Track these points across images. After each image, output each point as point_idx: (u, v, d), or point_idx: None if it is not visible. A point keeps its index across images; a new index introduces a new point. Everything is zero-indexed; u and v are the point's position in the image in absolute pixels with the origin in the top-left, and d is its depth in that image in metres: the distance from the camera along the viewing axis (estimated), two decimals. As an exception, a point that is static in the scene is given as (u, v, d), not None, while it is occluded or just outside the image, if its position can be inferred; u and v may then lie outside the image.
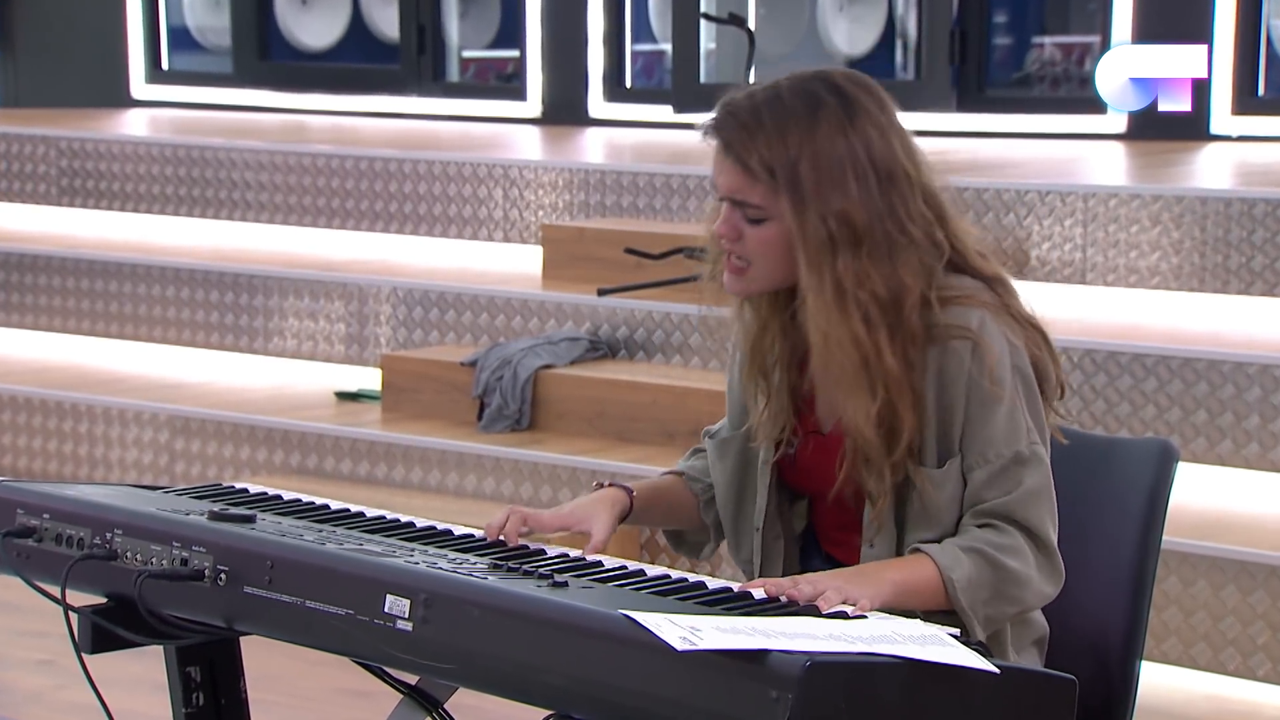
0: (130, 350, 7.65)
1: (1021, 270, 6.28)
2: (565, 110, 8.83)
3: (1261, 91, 7.51)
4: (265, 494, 3.16)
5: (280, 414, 6.77)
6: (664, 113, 8.22)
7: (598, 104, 8.78)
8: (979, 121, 8.08)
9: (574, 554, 2.88)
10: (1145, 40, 7.55)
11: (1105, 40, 7.79)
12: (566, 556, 2.86)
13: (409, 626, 2.55)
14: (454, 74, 9.48)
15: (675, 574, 2.78)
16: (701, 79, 8.01)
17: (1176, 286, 6.07)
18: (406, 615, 2.55)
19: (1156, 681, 5.09)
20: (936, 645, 2.46)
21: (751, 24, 8.09)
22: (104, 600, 2.93)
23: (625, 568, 2.81)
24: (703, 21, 8.04)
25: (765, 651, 2.32)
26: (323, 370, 7.19)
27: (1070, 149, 7.55)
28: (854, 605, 2.66)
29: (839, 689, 2.33)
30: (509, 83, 9.29)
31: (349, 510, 3.08)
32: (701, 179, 6.79)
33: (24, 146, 8.33)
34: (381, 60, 9.77)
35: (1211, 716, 5.10)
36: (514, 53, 9.14)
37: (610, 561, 2.85)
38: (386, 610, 2.57)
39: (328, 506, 3.09)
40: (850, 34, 9.15)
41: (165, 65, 9.91)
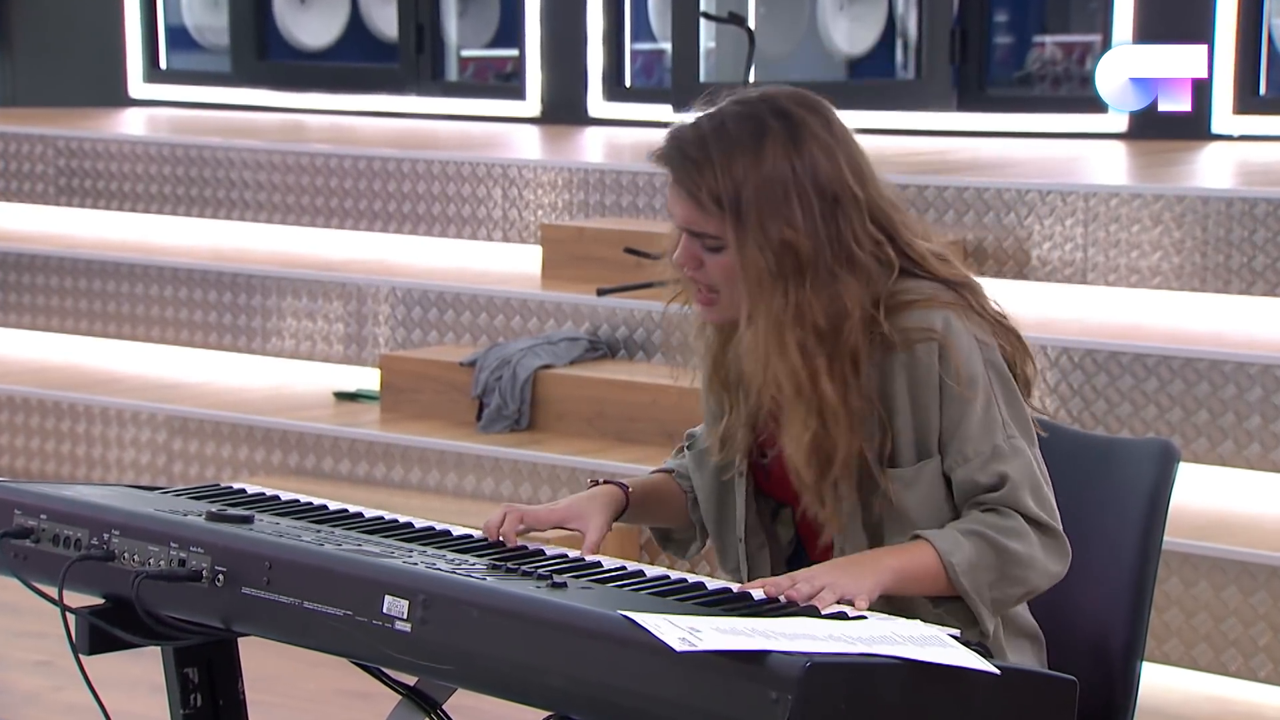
0: (128, 350, 7.64)
1: (1022, 270, 6.27)
2: (564, 109, 8.82)
3: (1263, 91, 7.51)
4: (263, 494, 3.16)
5: (278, 414, 6.76)
6: (664, 112, 8.21)
7: (597, 103, 8.76)
8: (979, 121, 8.07)
9: (573, 554, 2.88)
10: (1146, 39, 7.54)
11: (1106, 39, 7.78)
12: (565, 557, 2.86)
13: (407, 627, 2.55)
14: (453, 73, 9.47)
15: (675, 574, 2.77)
16: (701, 78, 8.00)
17: (1178, 286, 6.06)
18: (405, 616, 2.55)
19: (1158, 683, 5.08)
20: (936, 646, 2.46)
21: (751, 23, 8.08)
22: (102, 601, 2.93)
23: (624, 568, 2.80)
24: (702, 20, 8.03)
25: (765, 652, 2.31)
26: (321, 370, 7.18)
27: (1071, 148, 7.54)
28: (852, 602, 2.66)
29: (839, 690, 2.32)
30: (508, 82, 9.28)
31: (347, 511, 3.08)
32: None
33: (22, 146, 8.32)
34: (380, 59, 9.76)
35: (1213, 718, 5.09)
36: (513, 52, 9.13)
37: (609, 562, 2.84)
38: (385, 611, 2.57)
39: (326, 507, 3.08)
40: (850, 33, 9.14)
41: (163, 64, 9.90)
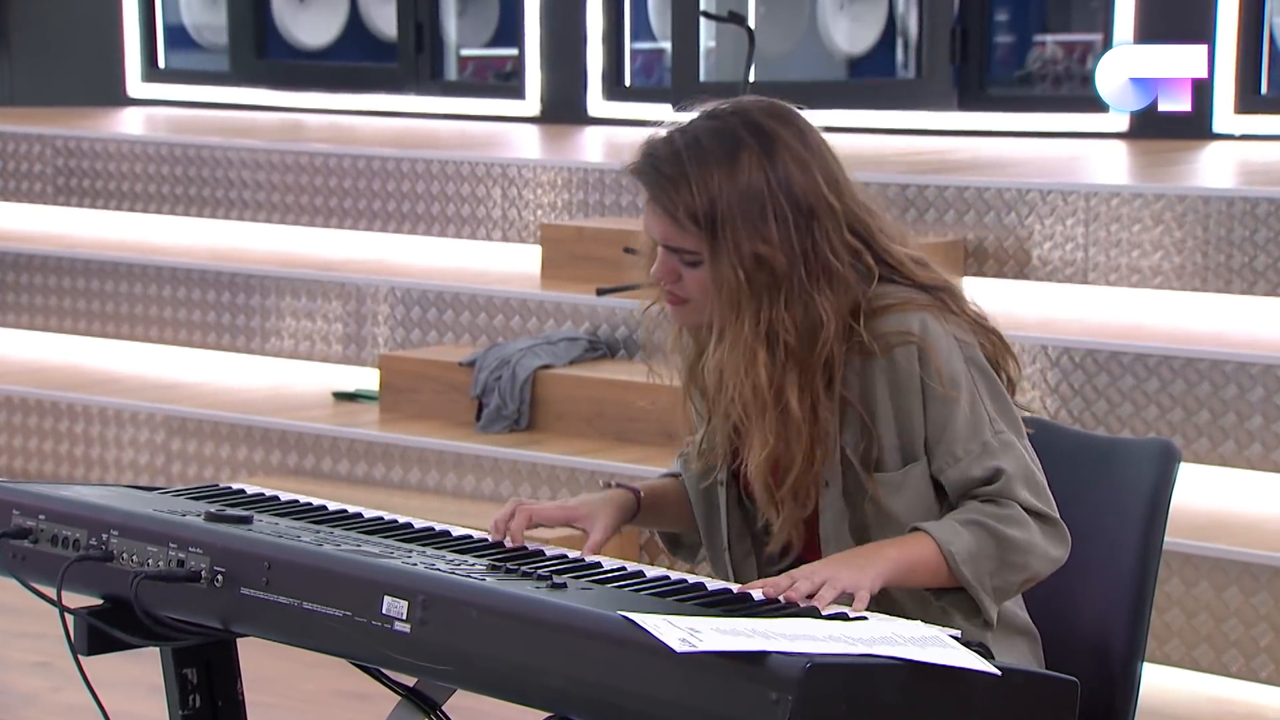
0: (126, 350, 7.64)
1: (1023, 270, 6.27)
2: (564, 109, 8.81)
3: (1264, 90, 7.50)
4: (262, 495, 3.16)
5: (277, 414, 6.75)
6: (664, 111, 8.16)
7: (597, 103, 8.76)
8: (980, 120, 8.06)
9: (573, 555, 2.87)
10: (1147, 39, 7.54)
11: (1107, 39, 7.77)
12: (565, 557, 2.86)
13: (407, 628, 2.54)
14: (452, 72, 9.47)
15: (674, 575, 2.77)
16: (701, 77, 7.99)
17: (1179, 286, 6.06)
18: (404, 616, 2.54)
19: (1158, 683, 5.07)
20: (937, 647, 2.45)
21: (751, 22, 8.06)
22: (100, 602, 2.93)
23: (624, 569, 2.80)
24: (702, 20, 8.02)
25: (765, 653, 2.31)
26: (320, 370, 7.17)
27: (1072, 148, 7.54)
28: (853, 596, 2.66)
29: (839, 691, 2.32)
30: (507, 81, 9.27)
31: (347, 511, 3.07)
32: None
33: (20, 145, 8.31)
34: (379, 58, 9.75)
35: (1214, 719, 5.08)
36: (512, 51, 9.13)
37: (609, 562, 2.84)
38: (384, 611, 2.56)
39: (325, 507, 3.08)
40: (850, 32, 9.14)
41: (162, 64, 9.89)
